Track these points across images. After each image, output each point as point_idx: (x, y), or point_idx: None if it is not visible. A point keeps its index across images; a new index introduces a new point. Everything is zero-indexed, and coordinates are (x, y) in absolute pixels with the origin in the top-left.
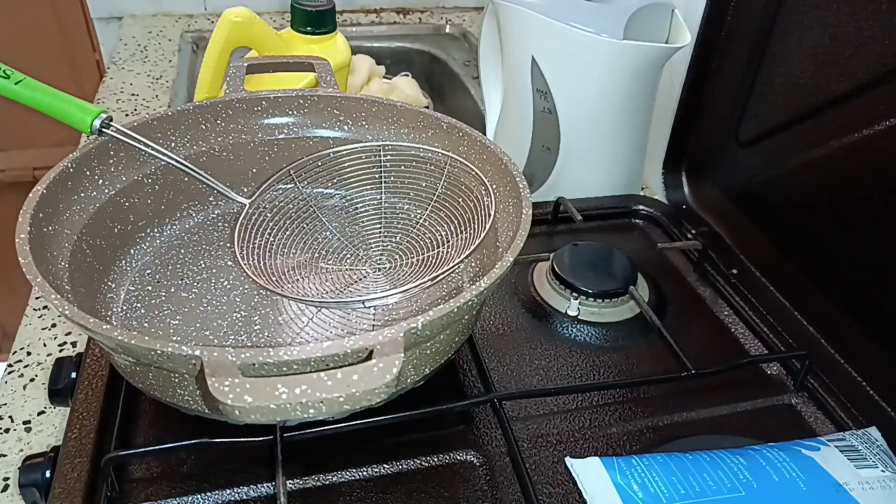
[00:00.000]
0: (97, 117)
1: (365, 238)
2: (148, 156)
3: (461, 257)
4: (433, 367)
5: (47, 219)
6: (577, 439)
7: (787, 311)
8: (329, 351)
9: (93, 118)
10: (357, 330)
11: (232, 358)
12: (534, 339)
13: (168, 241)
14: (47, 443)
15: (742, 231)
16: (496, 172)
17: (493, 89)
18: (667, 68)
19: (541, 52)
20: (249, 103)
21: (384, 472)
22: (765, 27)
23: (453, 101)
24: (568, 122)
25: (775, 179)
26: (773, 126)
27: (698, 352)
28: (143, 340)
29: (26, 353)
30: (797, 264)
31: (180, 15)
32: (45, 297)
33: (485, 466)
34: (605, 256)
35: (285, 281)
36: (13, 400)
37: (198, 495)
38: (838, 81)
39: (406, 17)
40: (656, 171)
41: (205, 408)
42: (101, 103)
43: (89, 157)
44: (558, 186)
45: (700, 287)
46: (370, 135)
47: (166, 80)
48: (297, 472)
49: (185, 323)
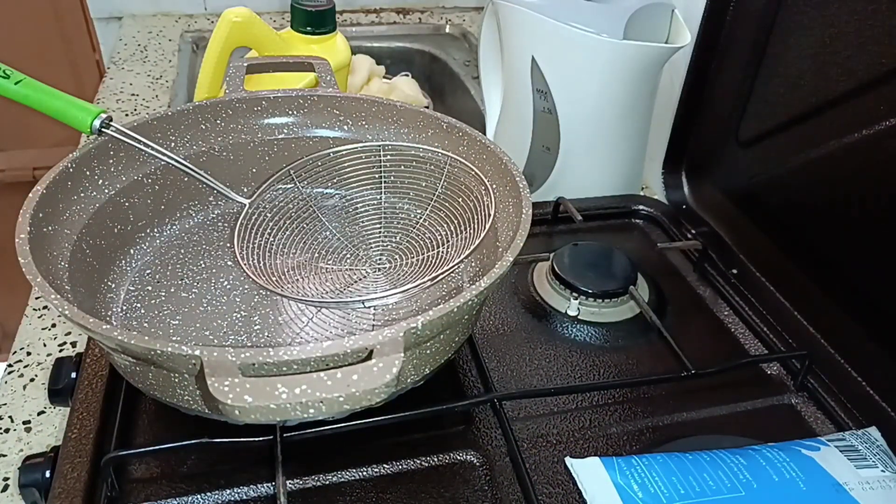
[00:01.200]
0: (97, 117)
1: (365, 238)
2: (148, 156)
3: (461, 257)
4: (433, 367)
5: (47, 219)
6: (577, 439)
7: (787, 310)
8: (329, 351)
9: (92, 118)
10: (357, 330)
11: (232, 358)
12: (534, 339)
13: (168, 240)
14: (47, 443)
15: (742, 231)
16: (496, 172)
17: (493, 89)
18: (667, 68)
19: (541, 52)
20: (249, 103)
21: (384, 472)
22: (765, 27)
23: (453, 101)
24: (568, 122)
25: (775, 179)
26: (773, 126)
27: (698, 352)
28: (143, 340)
29: (26, 353)
30: (797, 264)
31: (180, 15)
32: (45, 297)
33: (485, 466)
34: (605, 256)
35: (285, 281)
36: (13, 400)
37: (198, 495)
38: (838, 81)
39: (406, 17)
40: (656, 171)
41: (205, 408)
42: (101, 103)
43: (89, 156)
44: (558, 186)
45: (700, 287)
46: (370, 135)
47: (166, 80)
48: (297, 472)
49: (185, 323)
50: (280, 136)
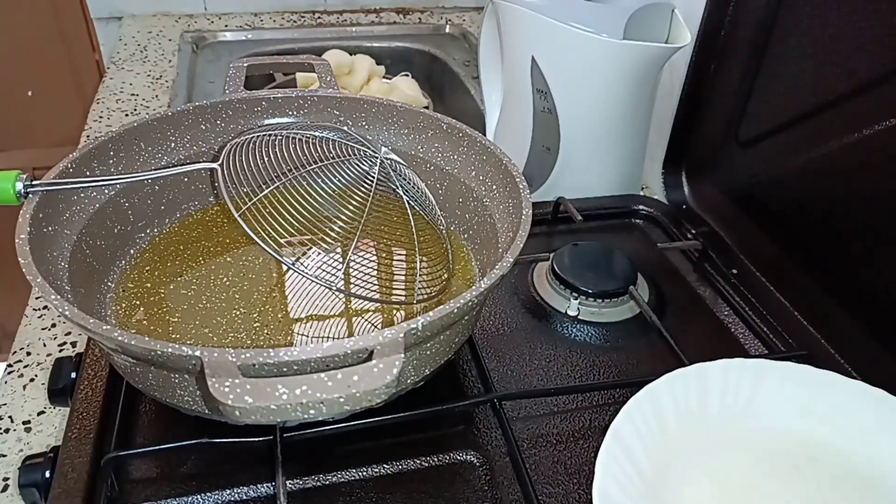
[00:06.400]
0: (17, 179)
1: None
2: (148, 156)
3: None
4: (433, 367)
5: (47, 219)
6: (577, 439)
7: (787, 310)
8: (329, 351)
9: (12, 182)
10: (358, 330)
11: (232, 358)
12: (534, 339)
13: (167, 238)
14: (47, 443)
15: (742, 231)
16: (496, 173)
17: (493, 89)
18: (667, 68)
19: (541, 52)
20: (249, 104)
21: (384, 472)
22: (765, 27)
23: (453, 102)
24: (568, 122)
25: (775, 179)
26: (773, 126)
27: (698, 352)
28: (143, 341)
29: (26, 353)
30: (797, 264)
31: (180, 15)
32: (45, 297)
33: (485, 466)
34: (605, 256)
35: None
36: (13, 400)
37: (197, 495)
38: (838, 81)
39: (406, 17)
40: (656, 170)
41: (205, 408)
42: (101, 103)
43: (89, 157)
44: (558, 186)
45: (700, 287)
46: (370, 135)
47: (166, 80)
48: (296, 473)
49: (184, 320)
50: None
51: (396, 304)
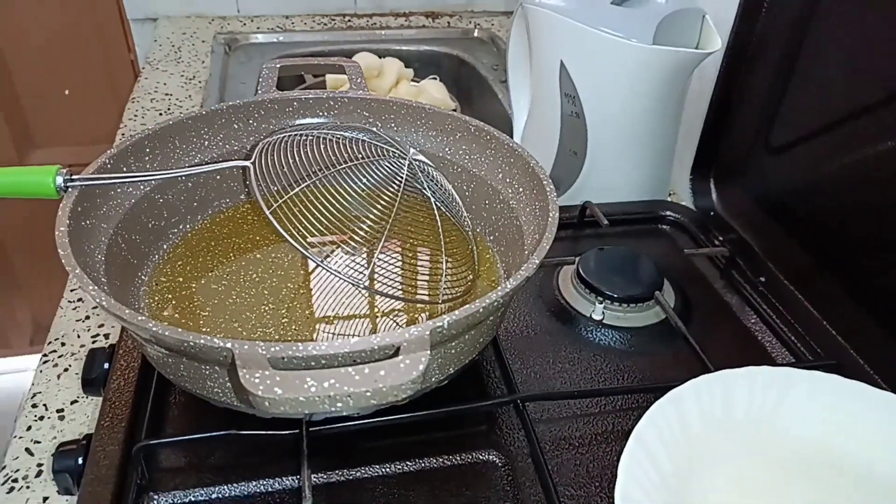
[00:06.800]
0: (57, 174)
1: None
2: (182, 153)
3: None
4: (457, 366)
5: (85, 213)
6: (600, 443)
7: (816, 319)
8: (357, 347)
9: (52, 177)
10: (384, 328)
11: (262, 351)
12: (558, 342)
13: (199, 234)
14: (80, 431)
15: (770, 238)
16: (523, 176)
17: (521, 93)
18: (696, 73)
19: (569, 57)
20: (281, 104)
21: (407, 469)
22: (797, 33)
23: (481, 105)
24: (596, 126)
25: (805, 187)
26: (804, 133)
27: (724, 359)
28: (177, 332)
29: (61, 343)
30: (826, 272)
31: (213, 17)
32: (83, 288)
33: (507, 467)
34: (631, 261)
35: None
36: (47, 389)
37: (224, 486)
38: (872, 88)
39: (435, 20)
40: (684, 176)
41: (234, 400)
42: (136, 102)
43: (126, 153)
44: (585, 190)
45: (727, 294)
46: (399, 137)
47: (199, 80)
48: (321, 467)
49: (214, 314)
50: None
51: (421, 303)
